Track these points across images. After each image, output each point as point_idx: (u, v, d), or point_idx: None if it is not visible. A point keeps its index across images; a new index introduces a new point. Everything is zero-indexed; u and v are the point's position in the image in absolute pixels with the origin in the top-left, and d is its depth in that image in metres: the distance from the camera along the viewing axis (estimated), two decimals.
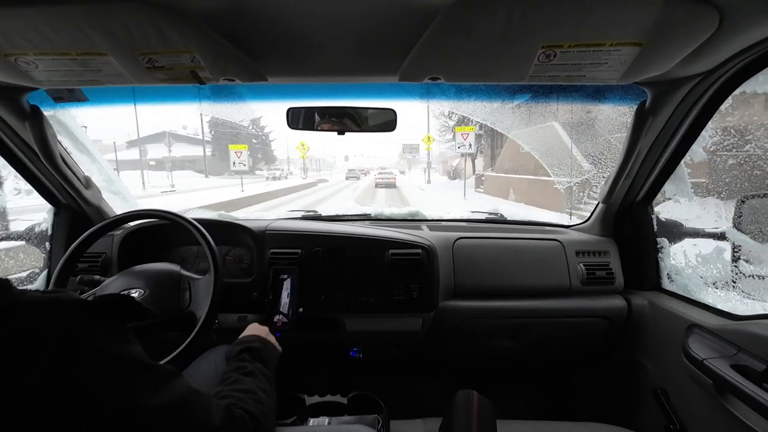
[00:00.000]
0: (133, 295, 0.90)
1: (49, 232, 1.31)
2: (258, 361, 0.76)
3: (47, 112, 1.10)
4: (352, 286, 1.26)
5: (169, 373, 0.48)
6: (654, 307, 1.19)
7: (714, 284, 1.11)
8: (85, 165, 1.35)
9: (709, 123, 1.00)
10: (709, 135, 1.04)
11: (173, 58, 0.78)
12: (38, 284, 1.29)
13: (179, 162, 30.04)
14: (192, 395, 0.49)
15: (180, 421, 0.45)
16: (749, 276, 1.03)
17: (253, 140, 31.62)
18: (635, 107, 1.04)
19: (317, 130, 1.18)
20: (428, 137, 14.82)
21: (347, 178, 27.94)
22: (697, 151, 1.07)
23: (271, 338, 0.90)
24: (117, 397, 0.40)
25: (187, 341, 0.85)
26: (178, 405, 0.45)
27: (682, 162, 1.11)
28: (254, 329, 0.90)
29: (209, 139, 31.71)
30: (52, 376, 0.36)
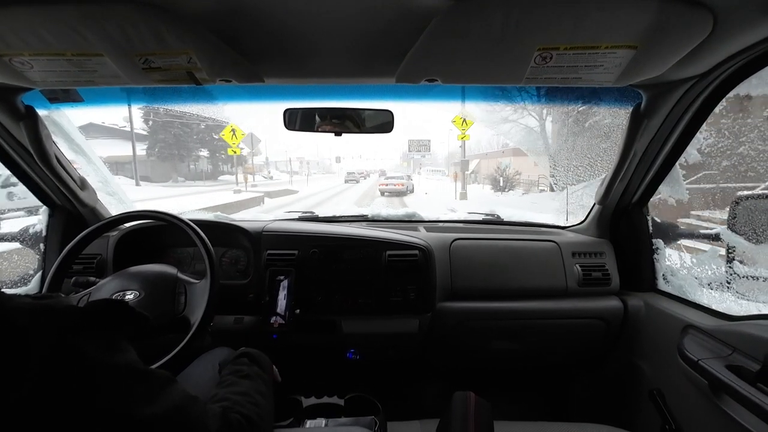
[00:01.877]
0: (128, 296, 0.89)
1: (44, 234, 1.30)
2: (255, 364, 0.75)
3: (42, 113, 1.09)
4: (349, 288, 1.26)
5: (164, 379, 0.47)
6: (650, 308, 1.20)
7: (709, 285, 1.12)
8: (80, 166, 1.34)
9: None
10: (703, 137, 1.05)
11: (170, 59, 0.78)
12: (32, 286, 1.28)
13: (108, 164, 20.48)
14: (188, 402, 0.48)
15: (176, 429, 0.44)
16: (743, 277, 1.04)
17: (214, 135, 22.13)
18: (630, 109, 1.05)
19: (314, 131, 1.18)
20: (460, 119, 6.58)
21: (346, 182, 27.33)
22: (692, 153, 1.08)
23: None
24: (111, 409, 0.39)
25: (180, 346, 0.84)
26: (174, 413, 0.45)
27: (677, 164, 1.12)
28: None
29: (145, 133, 21.33)
30: (42, 388, 0.34)
